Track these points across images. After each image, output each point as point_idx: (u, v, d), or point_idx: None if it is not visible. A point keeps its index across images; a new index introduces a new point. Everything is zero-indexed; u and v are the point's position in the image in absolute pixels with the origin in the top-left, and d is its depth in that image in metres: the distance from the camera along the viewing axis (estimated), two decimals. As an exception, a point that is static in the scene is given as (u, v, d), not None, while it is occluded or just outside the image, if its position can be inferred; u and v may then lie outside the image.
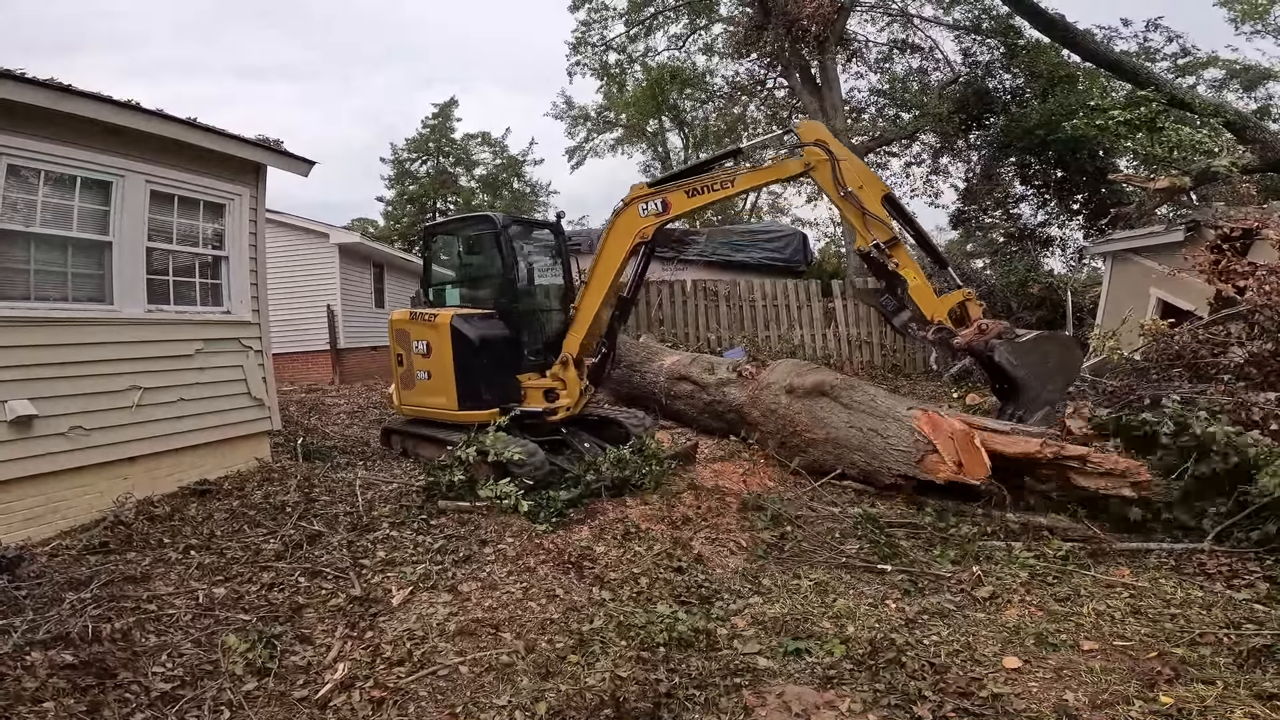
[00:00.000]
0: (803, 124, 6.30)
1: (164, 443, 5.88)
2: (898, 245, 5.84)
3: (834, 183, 5.80)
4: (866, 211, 5.74)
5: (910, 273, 5.85)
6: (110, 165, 5.56)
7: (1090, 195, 15.59)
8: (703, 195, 6.19)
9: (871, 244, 5.77)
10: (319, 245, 15.42)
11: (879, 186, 5.95)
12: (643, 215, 6.33)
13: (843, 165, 5.82)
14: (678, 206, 6.25)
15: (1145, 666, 3.13)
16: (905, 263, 5.85)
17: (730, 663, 3.20)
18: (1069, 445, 5.08)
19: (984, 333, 5.64)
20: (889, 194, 5.94)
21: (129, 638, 3.47)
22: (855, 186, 5.78)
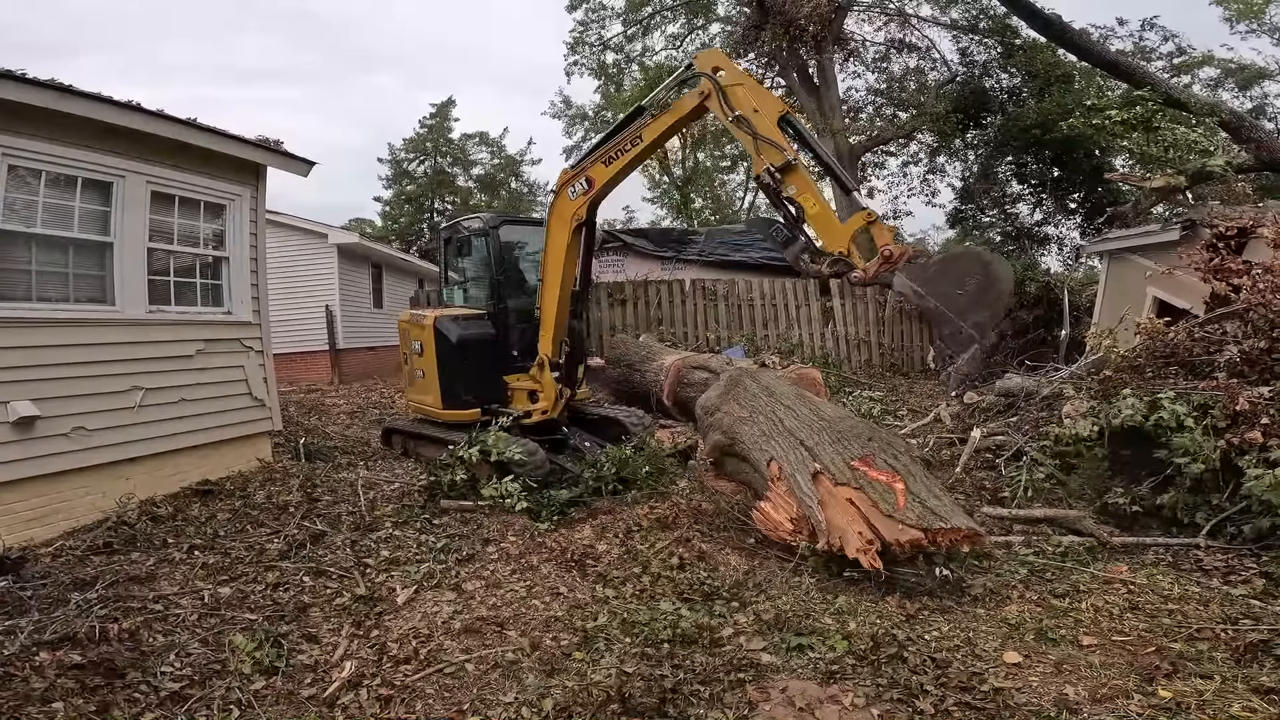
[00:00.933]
0: (699, 55, 5.92)
1: (166, 443, 5.89)
2: (793, 169, 5.22)
3: (721, 109, 5.40)
4: (758, 135, 5.23)
5: (808, 198, 5.24)
6: (111, 166, 5.56)
7: (1087, 194, 15.65)
8: (619, 160, 6.03)
9: (764, 168, 5.22)
10: (317, 245, 15.42)
11: (775, 107, 5.45)
12: (572, 198, 6.26)
13: (733, 89, 5.39)
14: (600, 178, 6.11)
15: (1144, 661, 3.17)
16: (803, 188, 5.23)
17: (733, 658, 3.23)
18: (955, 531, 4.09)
19: (890, 260, 4.91)
20: (786, 114, 5.45)
21: (136, 637, 3.48)
22: (749, 110, 5.31)
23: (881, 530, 4.02)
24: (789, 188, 5.25)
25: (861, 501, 4.19)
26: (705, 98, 5.53)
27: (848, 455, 4.55)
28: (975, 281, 4.86)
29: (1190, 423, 5.05)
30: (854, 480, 4.34)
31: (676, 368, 8.71)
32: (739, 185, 33.24)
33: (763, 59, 17.66)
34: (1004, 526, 5.18)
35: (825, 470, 4.48)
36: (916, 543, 3.93)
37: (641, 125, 5.94)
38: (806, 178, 5.30)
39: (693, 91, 5.69)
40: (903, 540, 3.93)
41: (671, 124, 5.88)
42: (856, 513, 4.15)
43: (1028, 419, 6.83)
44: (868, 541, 3.98)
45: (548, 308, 6.52)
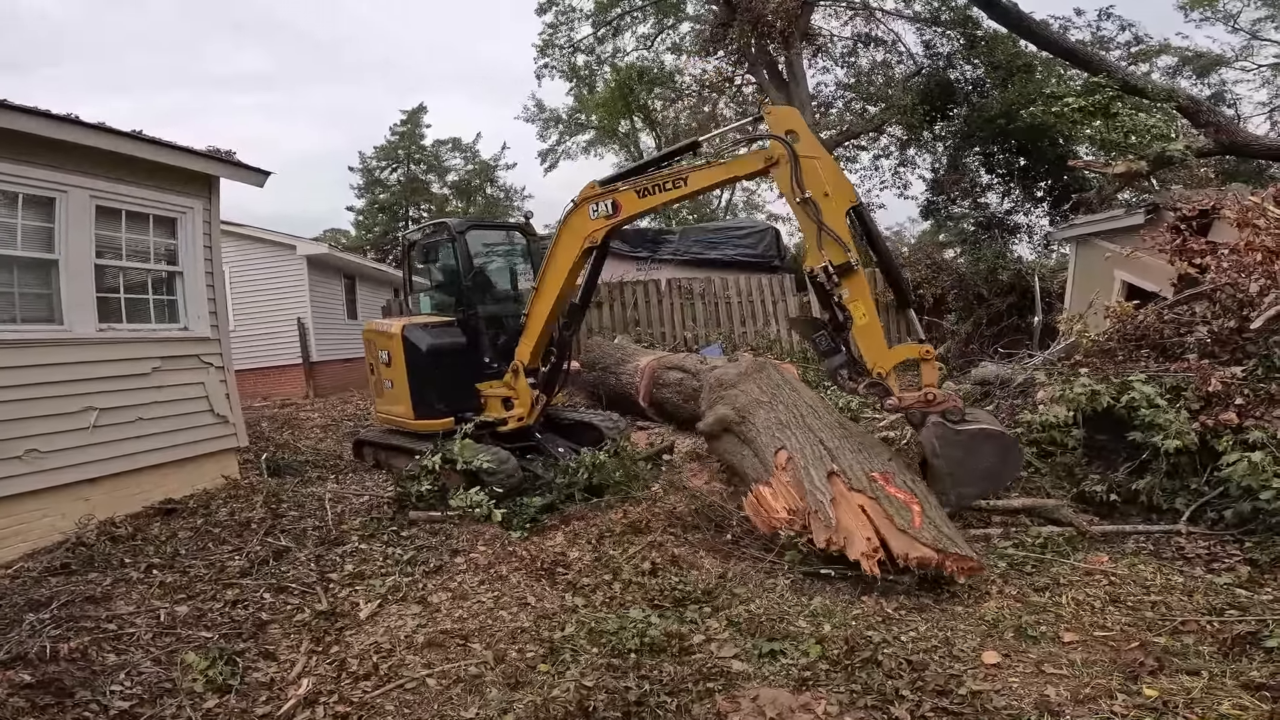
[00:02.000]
0: (775, 110, 5.26)
1: (125, 463, 5.75)
2: (853, 273, 4.81)
3: (791, 185, 4.88)
4: (823, 225, 4.78)
5: (860, 308, 4.85)
6: (52, 181, 5.39)
7: (1054, 182, 15.80)
8: (654, 196, 5.50)
9: (821, 265, 4.81)
10: (286, 258, 15.15)
11: (847, 196, 4.96)
12: (592, 218, 5.73)
13: (807, 164, 4.86)
14: (628, 208, 5.61)
15: (1128, 657, 3.05)
16: (857, 294, 4.85)
17: (703, 667, 3.13)
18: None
19: (929, 403, 4.70)
20: (857, 206, 5.00)
21: (87, 656, 3.43)
22: (818, 193, 4.82)
23: (891, 542, 4.00)
24: (843, 291, 4.85)
25: (874, 511, 4.16)
26: (772, 164, 4.98)
27: (868, 466, 4.52)
28: (989, 463, 4.68)
29: (1163, 403, 5.02)
30: (870, 490, 4.30)
31: (651, 369, 8.64)
32: (716, 184, 33.26)
33: (731, 57, 17.69)
34: (983, 518, 5.10)
35: (842, 473, 4.45)
36: (925, 561, 3.91)
37: (690, 169, 5.44)
38: (865, 285, 4.93)
39: (759, 153, 5.12)
40: (913, 556, 3.91)
41: (725, 179, 5.49)
42: (866, 520, 4.13)
43: (1004, 406, 6.82)
44: (874, 548, 3.97)
45: (536, 316, 6.22)
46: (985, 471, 4.68)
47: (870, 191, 20.90)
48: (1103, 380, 5.55)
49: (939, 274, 12.95)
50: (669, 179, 5.46)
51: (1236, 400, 4.96)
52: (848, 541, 4.06)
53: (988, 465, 4.66)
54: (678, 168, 5.55)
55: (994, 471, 4.72)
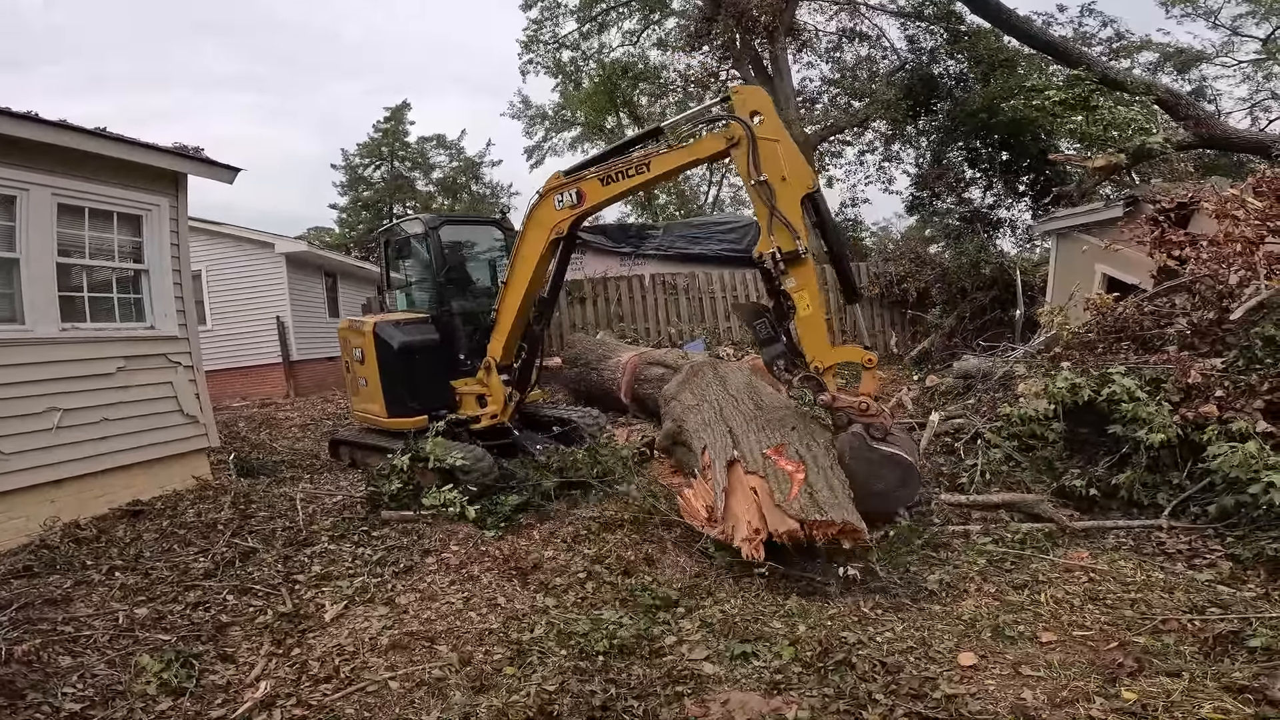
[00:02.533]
0: (742, 90, 5.14)
1: (90, 464, 5.65)
2: (800, 261, 4.70)
3: (748, 167, 4.74)
4: (774, 210, 4.66)
5: (805, 299, 4.74)
6: (12, 179, 5.26)
7: (1036, 177, 15.84)
8: (618, 183, 5.39)
9: (770, 251, 4.70)
10: (264, 256, 14.92)
11: (805, 181, 4.83)
12: (558, 208, 5.63)
13: (766, 146, 4.72)
14: (593, 196, 5.50)
15: (1107, 658, 2.98)
16: (803, 284, 4.73)
17: (673, 669, 3.05)
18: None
19: (863, 412, 4.65)
20: (812, 193, 4.87)
21: (40, 659, 3.36)
22: (775, 177, 4.70)
23: (769, 520, 3.96)
24: (789, 280, 4.75)
25: (762, 490, 4.13)
26: (732, 144, 4.85)
27: (765, 443, 4.48)
28: (884, 488, 4.64)
29: (1144, 396, 4.96)
30: (762, 469, 4.30)
31: (633, 365, 8.56)
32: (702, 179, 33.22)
33: (716, 52, 17.61)
34: (962, 514, 5.04)
35: (742, 458, 4.43)
36: (793, 534, 3.88)
37: (653, 153, 5.33)
38: (812, 276, 4.82)
39: (719, 133, 5.00)
40: (781, 531, 3.92)
41: (687, 162, 5.36)
42: (754, 501, 4.12)
43: (986, 400, 6.78)
44: (754, 530, 3.94)
45: (506, 311, 6.11)
46: (879, 493, 4.63)
47: (855, 187, 20.98)
48: (1083, 373, 5.51)
49: (922, 268, 12.95)
50: (632, 165, 5.37)
51: (1217, 392, 4.90)
52: (734, 529, 4.03)
53: (883, 488, 4.63)
54: (641, 153, 5.45)
55: (887, 495, 4.68)
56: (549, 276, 6.11)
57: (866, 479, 4.56)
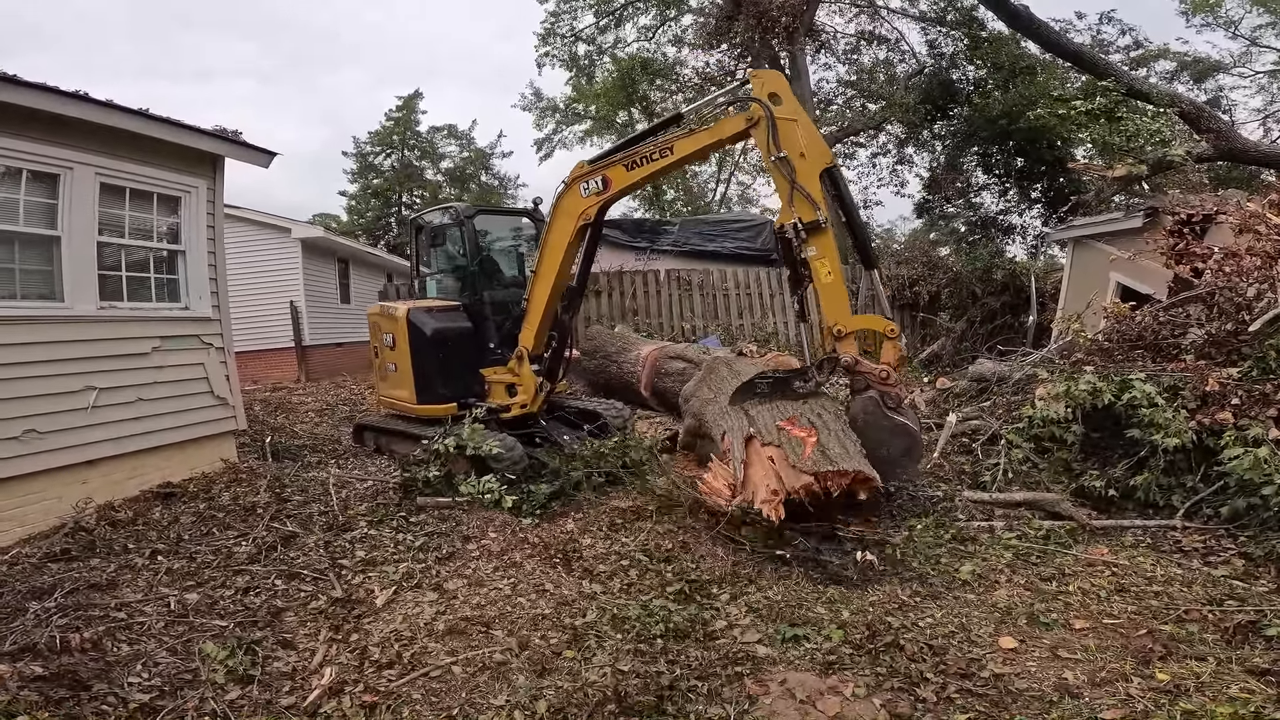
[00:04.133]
0: (760, 73, 5.30)
1: (124, 445, 5.66)
2: (820, 231, 4.85)
3: (767, 144, 4.93)
4: (795, 184, 4.84)
5: (825, 265, 4.87)
6: (58, 158, 5.29)
7: (1049, 184, 15.98)
8: (642, 168, 5.54)
9: (791, 221, 4.87)
10: (281, 241, 14.95)
11: (823, 157, 5.02)
12: (584, 195, 5.77)
13: (785, 125, 4.91)
14: (618, 182, 5.64)
15: (1138, 644, 3.16)
16: (824, 252, 4.87)
17: (729, 651, 3.17)
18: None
19: (883, 381, 4.74)
20: (831, 168, 5.05)
21: (100, 647, 3.33)
22: (794, 153, 4.88)
23: (785, 480, 4.15)
24: (809, 249, 4.89)
25: (778, 457, 4.32)
26: (752, 124, 5.02)
27: (779, 417, 4.66)
28: (888, 457, 4.72)
29: (1161, 402, 5.12)
30: (777, 439, 4.45)
31: (653, 358, 8.63)
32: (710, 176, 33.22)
33: (735, 50, 17.64)
34: (985, 511, 5.18)
35: (758, 433, 4.59)
36: (808, 488, 4.08)
37: (676, 137, 5.46)
38: (832, 245, 4.93)
39: (740, 115, 5.15)
40: (797, 486, 4.06)
41: (710, 143, 5.45)
42: (771, 468, 4.28)
43: (1001, 403, 6.90)
44: (772, 492, 4.13)
45: (536, 300, 6.22)
46: (883, 460, 4.72)
47: (867, 189, 21.03)
48: (1105, 378, 5.64)
49: (934, 272, 13.07)
50: (656, 149, 5.52)
51: (1233, 400, 5.07)
52: (755, 494, 4.20)
53: (888, 455, 4.75)
54: (664, 138, 5.59)
55: (890, 463, 4.78)
56: (577, 265, 6.23)
57: (874, 444, 4.67)
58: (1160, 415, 5.03)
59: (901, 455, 4.79)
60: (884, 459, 4.70)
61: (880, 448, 4.68)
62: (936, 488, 5.58)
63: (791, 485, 4.09)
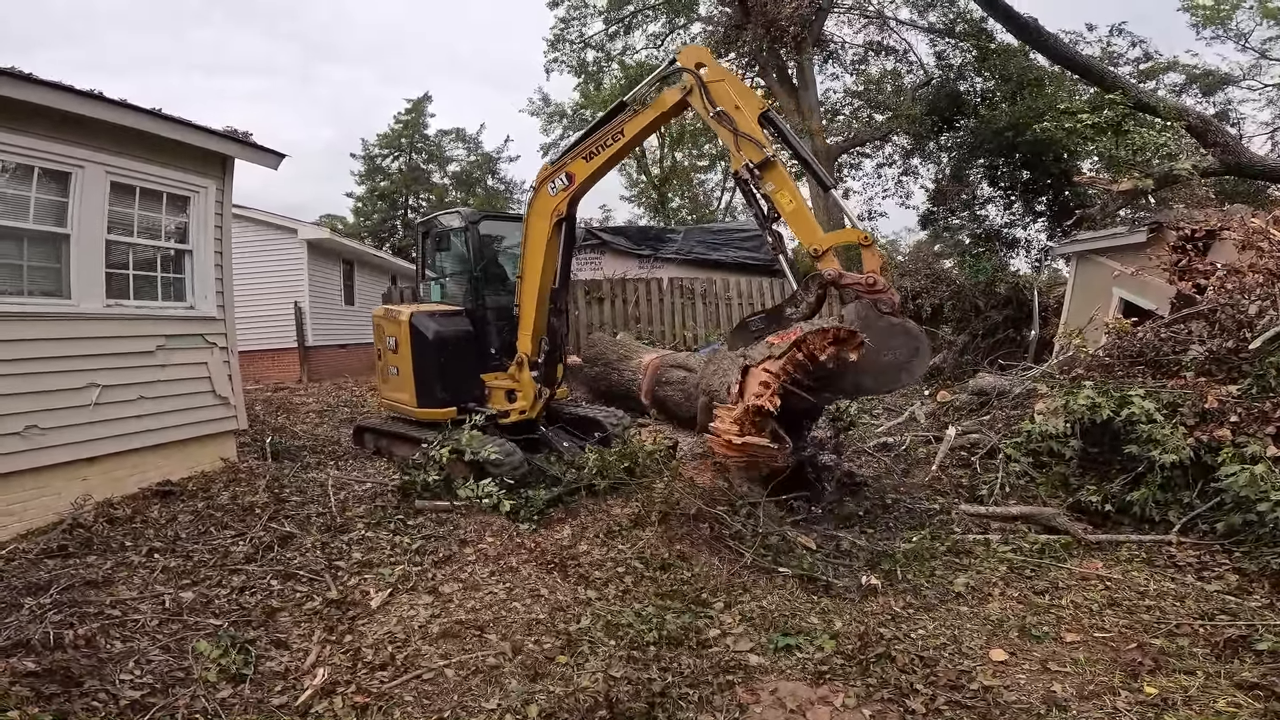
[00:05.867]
0: (683, 50, 5.73)
1: (124, 442, 5.69)
2: (771, 166, 5.10)
3: (703, 104, 5.29)
4: (738, 131, 5.13)
5: (784, 195, 5.10)
6: (70, 156, 5.34)
7: (1055, 197, 15.96)
8: (599, 155, 5.93)
9: (743, 164, 5.13)
10: (287, 241, 15.04)
11: (756, 104, 5.35)
12: (552, 194, 6.18)
13: (715, 86, 5.29)
14: (581, 174, 6.04)
15: (1127, 657, 3.18)
16: (780, 184, 5.10)
17: (721, 660, 3.18)
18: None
19: (870, 288, 4.75)
20: (766, 112, 5.36)
21: (93, 644, 3.32)
22: (730, 106, 5.22)
23: (772, 370, 4.52)
24: (766, 185, 5.15)
25: (769, 363, 4.65)
26: (687, 93, 5.41)
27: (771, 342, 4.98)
28: (898, 358, 4.70)
29: (1160, 418, 5.12)
30: (769, 352, 4.74)
31: (654, 366, 8.65)
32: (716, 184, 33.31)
33: (743, 59, 17.70)
34: (982, 524, 5.20)
35: (751, 359, 4.91)
36: (792, 360, 4.49)
37: (623, 120, 5.84)
38: (785, 175, 5.19)
39: (675, 87, 5.58)
40: (781, 365, 4.44)
41: (653, 119, 5.79)
42: (763, 376, 4.61)
43: (1001, 417, 6.90)
44: (763, 385, 4.47)
45: (527, 305, 6.39)
46: (888, 365, 4.77)
47: (872, 199, 21.02)
48: (1104, 393, 5.64)
49: (937, 284, 13.08)
50: (608, 136, 5.90)
51: (1231, 417, 5.08)
52: (750, 400, 4.52)
53: (892, 360, 4.76)
54: (613, 124, 5.92)
55: (898, 367, 4.79)
56: (558, 267, 6.42)
57: (876, 348, 4.68)
58: (1159, 431, 5.04)
59: (910, 358, 4.77)
60: (890, 364, 4.74)
61: (884, 353, 4.70)
62: (934, 500, 5.59)
63: (776, 368, 4.40)
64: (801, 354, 4.45)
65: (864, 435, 7.72)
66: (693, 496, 5.06)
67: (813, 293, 5.09)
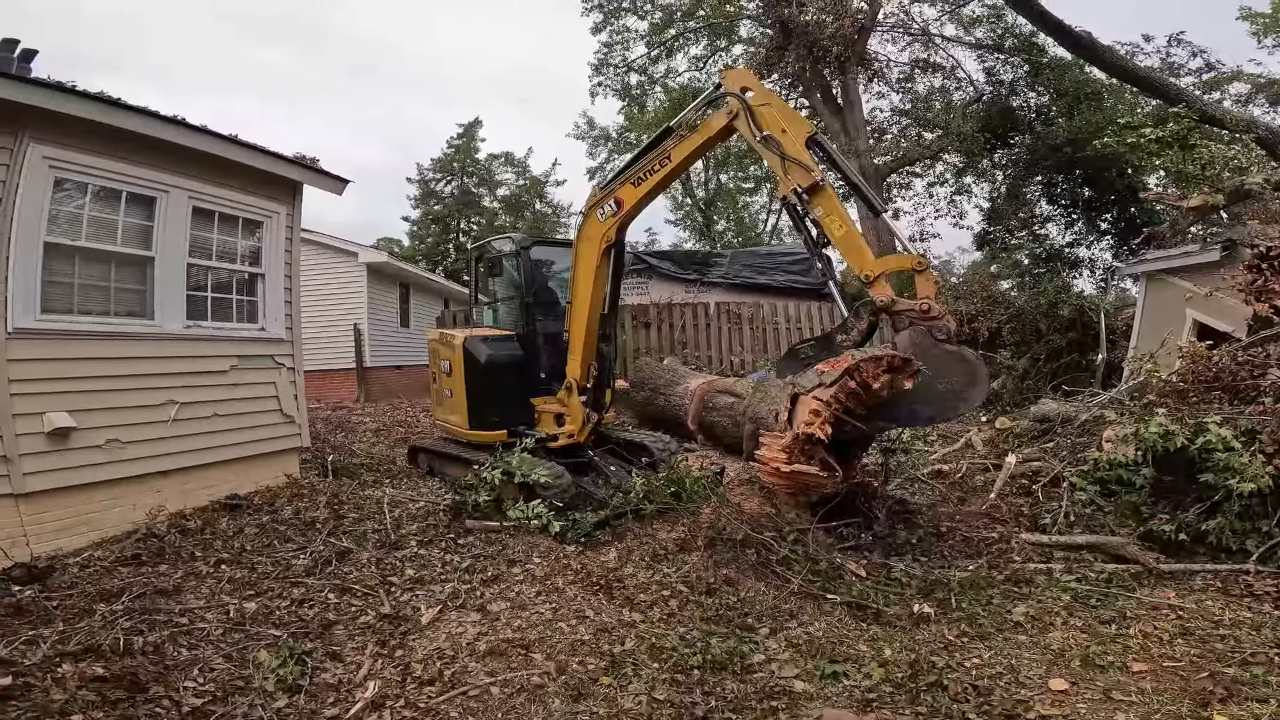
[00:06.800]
0: (729, 73, 5.76)
1: (197, 457, 5.94)
2: (820, 190, 5.00)
3: (749, 129, 5.26)
4: (785, 156, 5.06)
5: (834, 220, 4.98)
6: (155, 180, 5.65)
7: (1119, 214, 15.36)
8: (647, 180, 5.97)
9: (791, 189, 5.04)
10: (348, 264, 15.68)
11: (803, 128, 5.28)
12: (601, 220, 6.21)
13: (760, 110, 5.26)
14: (629, 199, 6.06)
15: (1197, 686, 3.05)
16: (829, 209, 5.00)
17: (766, 685, 3.13)
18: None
19: (924, 314, 4.61)
20: (814, 135, 5.26)
21: (161, 651, 3.46)
22: (776, 131, 5.17)
23: (823, 398, 4.45)
24: (815, 210, 5.06)
25: (819, 391, 4.57)
26: (733, 117, 5.42)
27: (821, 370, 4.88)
28: (954, 388, 4.52)
29: (1238, 446, 4.89)
30: (819, 380, 4.64)
31: (701, 392, 8.64)
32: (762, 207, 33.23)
33: (786, 80, 17.73)
34: (1044, 554, 5.00)
35: (801, 388, 4.79)
36: (844, 387, 4.38)
37: (670, 146, 5.88)
38: (835, 200, 5.10)
39: (720, 111, 5.59)
40: (831, 385, 4.35)
41: (700, 144, 5.83)
42: (813, 404, 4.55)
43: (1065, 444, 6.66)
44: (813, 413, 4.42)
45: (576, 331, 6.46)
46: (944, 393, 4.57)
47: (924, 220, 20.61)
48: (1178, 421, 5.40)
49: (994, 307, 12.68)
50: (655, 160, 5.96)
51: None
52: (796, 424, 4.48)
53: (949, 387, 4.57)
54: (660, 149, 5.96)
55: (953, 396, 4.60)
56: (607, 292, 6.48)
57: (932, 376, 4.53)
58: (1236, 459, 4.83)
59: (967, 386, 4.58)
60: (946, 393, 4.57)
61: (940, 381, 4.55)
62: (992, 529, 5.40)
63: (827, 396, 4.32)
64: (854, 382, 4.35)
65: (917, 461, 7.52)
66: (739, 522, 5.03)
67: (864, 319, 5.10)
